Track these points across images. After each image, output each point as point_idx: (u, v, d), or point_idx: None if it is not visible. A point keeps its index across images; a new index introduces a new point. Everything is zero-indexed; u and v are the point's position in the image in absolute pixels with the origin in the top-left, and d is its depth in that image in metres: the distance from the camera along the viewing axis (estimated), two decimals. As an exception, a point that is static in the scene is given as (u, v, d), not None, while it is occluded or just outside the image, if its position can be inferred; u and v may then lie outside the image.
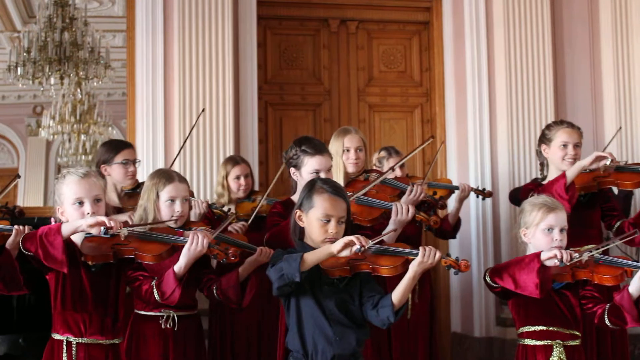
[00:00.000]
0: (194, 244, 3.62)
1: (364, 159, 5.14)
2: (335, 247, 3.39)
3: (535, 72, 6.83)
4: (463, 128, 7.00)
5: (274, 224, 4.35)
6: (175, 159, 5.67)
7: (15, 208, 4.85)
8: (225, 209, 5.21)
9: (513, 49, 6.84)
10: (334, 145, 5.07)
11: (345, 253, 3.38)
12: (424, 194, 4.86)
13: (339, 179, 4.90)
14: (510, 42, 6.84)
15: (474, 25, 6.96)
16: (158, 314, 4.24)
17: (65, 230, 3.36)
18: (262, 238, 5.24)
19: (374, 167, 5.66)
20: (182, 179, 4.24)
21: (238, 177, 5.45)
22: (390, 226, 4.55)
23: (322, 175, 4.40)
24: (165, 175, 4.19)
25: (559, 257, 3.74)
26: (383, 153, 5.81)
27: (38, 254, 3.38)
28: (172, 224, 4.05)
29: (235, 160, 5.53)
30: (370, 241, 3.47)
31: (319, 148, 4.49)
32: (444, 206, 5.27)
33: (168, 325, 4.22)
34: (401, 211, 4.53)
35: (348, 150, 5.04)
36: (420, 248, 3.50)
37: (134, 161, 5.05)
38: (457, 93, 7.10)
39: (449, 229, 5.49)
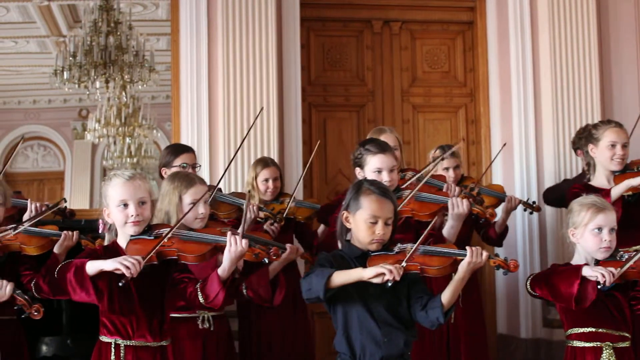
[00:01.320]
0: (234, 246, 3.61)
1: (400, 158, 5.19)
2: (367, 274, 3.35)
3: (581, 71, 6.75)
4: (508, 128, 6.95)
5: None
6: (231, 161, 5.67)
7: (66, 209, 4.88)
8: (274, 211, 5.21)
9: (558, 48, 6.77)
10: None
11: (377, 281, 3.36)
12: (459, 191, 4.89)
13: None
14: (555, 41, 6.77)
15: (518, 24, 6.91)
16: (193, 315, 4.29)
17: (90, 270, 3.37)
18: (290, 239, 5.28)
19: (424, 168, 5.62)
20: (202, 181, 4.25)
21: (266, 180, 5.43)
22: (449, 221, 4.56)
23: (385, 174, 4.45)
24: (185, 179, 4.19)
25: (601, 281, 3.70)
26: (438, 152, 5.78)
27: (68, 291, 3.41)
28: (196, 226, 4.04)
29: (265, 162, 5.53)
30: (403, 265, 3.45)
31: (382, 147, 4.54)
32: (482, 201, 5.22)
33: (205, 326, 4.25)
34: (457, 205, 4.54)
35: None
36: (468, 248, 3.47)
37: (193, 165, 5.07)
38: (502, 93, 7.05)
39: (495, 236, 5.47)
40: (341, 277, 3.39)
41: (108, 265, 3.35)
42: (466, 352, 5.23)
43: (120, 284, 3.35)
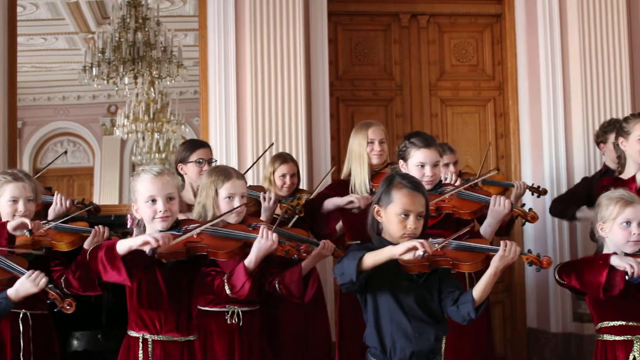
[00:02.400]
0: (264, 239, 3.62)
1: (387, 151, 5.26)
2: (398, 250, 3.34)
3: (611, 63, 6.71)
4: (537, 121, 6.91)
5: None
6: (256, 161, 5.69)
7: (91, 205, 4.91)
8: (294, 203, 5.22)
9: (588, 40, 6.73)
10: (358, 138, 5.21)
11: (408, 257, 3.32)
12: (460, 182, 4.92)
13: (364, 171, 5.09)
14: (584, 32, 6.73)
15: (547, 17, 6.87)
16: (223, 309, 4.30)
17: (121, 249, 3.39)
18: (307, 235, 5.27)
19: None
20: (240, 176, 4.26)
21: (284, 175, 5.44)
22: (488, 219, 4.55)
23: (428, 168, 4.50)
24: (223, 173, 4.21)
25: (629, 272, 3.68)
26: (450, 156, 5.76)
27: (99, 271, 3.44)
28: (232, 220, 4.05)
29: (284, 158, 5.54)
30: (439, 244, 3.45)
31: (427, 142, 4.57)
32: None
33: (234, 321, 4.26)
34: (499, 203, 4.52)
35: (372, 142, 5.16)
36: (501, 243, 3.46)
37: (209, 161, 5.08)
38: (531, 86, 7.02)
39: (503, 224, 5.44)
40: (373, 258, 3.38)
41: (137, 241, 3.38)
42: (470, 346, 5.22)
43: (147, 252, 3.36)
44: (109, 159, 11.78)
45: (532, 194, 5.52)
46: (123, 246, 3.39)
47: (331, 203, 5.14)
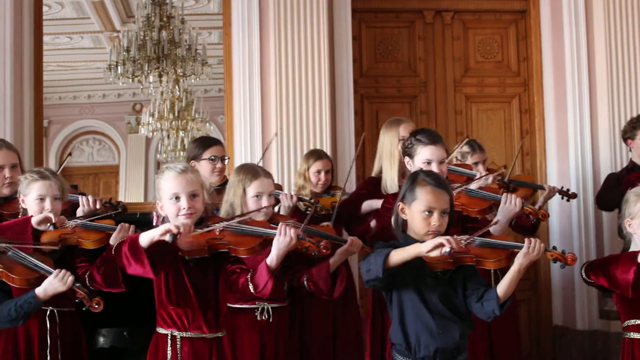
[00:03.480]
0: (283, 236, 3.62)
1: None
2: (425, 247, 3.35)
3: (638, 58, 6.66)
4: (563, 118, 6.88)
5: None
6: (261, 157, 5.70)
7: (118, 204, 4.93)
8: (313, 201, 5.22)
9: (614, 35, 6.68)
10: (389, 135, 5.14)
11: (435, 254, 3.34)
12: (492, 178, 4.88)
13: (394, 168, 5.01)
14: (610, 28, 6.69)
15: (572, 12, 6.83)
16: (252, 306, 4.31)
17: (143, 241, 3.41)
18: (341, 232, 5.27)
19: (455, 160, 5.58)
20: (268, 174, 4.26)
21: (319, 172, 5.44)
22: (498, 216, 4.52)
23: (434, 165, 4.43)
24: (251, 171, 4.22)
25: None
26: (466, 148, 5.73)
27: (124, 265, 3.45)
28: (260, 218, 4.06)
29: (318, 154, 5.54)
30: (464, 240, 3.44)
31: (434, 138, 4.51)
32: (515, 189, 5.18)
33: (264, 317, 4.27)
34: (510, 201, 4.49)
35: (404, 139, 5.02)
36: (526, 240, 3.45)
37: (222, 158, 5.10)
38: (556, 82, 6.98)
39: (529, 225, 5.41)
40: (399, 255, 3.39)
41: (157, 231, 3.38)
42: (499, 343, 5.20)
43: (168, 239, 3.35)
44: (134, 157, 11.84)
45: (562, 198, 5.49)
46: (145, 238, 3.40)
47: (368, 205, 5.12)
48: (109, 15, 9.82)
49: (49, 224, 4.00)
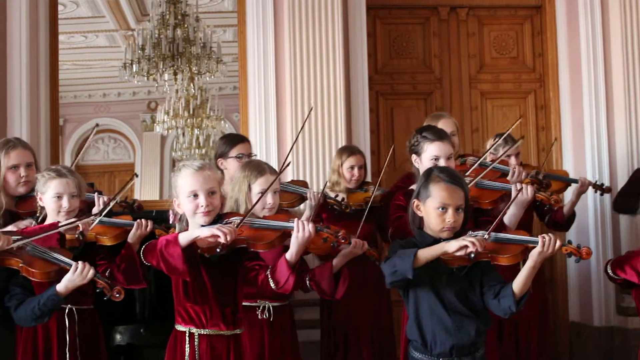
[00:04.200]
0: (301, 232, 3.61)
1: (458, 144, 5.24)
2: (451, 247, 3.38)
3: (655, 54, 6.63)
4: (578, 114, 6.85)
5: (397, 217, 4.35)
6: (287, 154, 5.69)
7: (134, 202, 4.94)
8: (339, 198, 5.22)
9: (630, 30, 6.65)
10: None
11: (460, 253, 3.37)
12: (525, 174, 4.85)
13: None
14: (626, 23, 6.65)
15: (587, 7, 6.80)
16: (254, 304, 4.32)
17: (183, 240, 3.41)
18: (373, 229, 5.27)
19: (490, 155, 5.56)
20: (273, 171, 4.23)
21: (352, 168, 5.44)
22: (512, 208, 4.51)
23: (442, 162, 4.40)
24: (257, 168, 4.19)
25: None
26: (501, 141, 5.70)
27: (160, 267, 3.45)
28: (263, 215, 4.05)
29: (351, 150, 5.54)
30: (487, 235, 3.44)
31: (439, 135, 4.50)
32: (549, 185, 5.17)
33: (264, 316, 4.27)
34: (522, 191, 4.48)
35: None
36: (540, 236, 3.44)
37: (249, 155, 5.08)
38: (572, 78, 6.95)
39: (562, 220, 5.39)
40: (426, 254, 3.41)
41: (205, 232, 3.40)
42: (533, 340, 5.19)
43: (218, 250, 3.38)
44: (149, 155, 11.87)
45: (595, 192, 5.46)
46: (186, 238, 3.42)
47: None
48: (124, 14, 9.84)
49: (77, 233, 4.02)
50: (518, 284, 3.44)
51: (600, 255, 6.44)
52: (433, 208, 3.53)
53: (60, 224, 3.99)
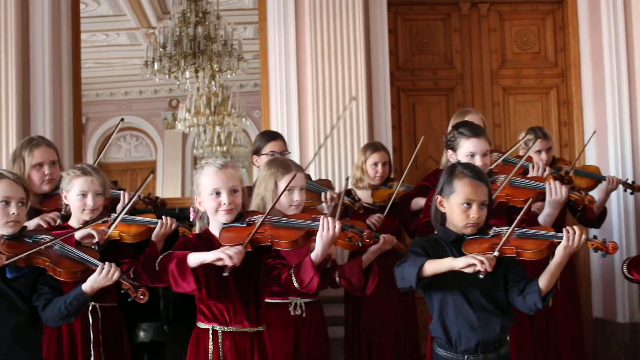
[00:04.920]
0: (326, 229, 3.59)
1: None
2: (459, 264, 3.35)
3: (678, 48, 6.58)
4: (601, 109, 6.81)
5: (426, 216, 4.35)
6: (318, 150, 5.69)
7: (157, 199, 4.95)
8: (357, 198, 5.19)
9: (653, 24, 6.61)
10: None
11: (469, 271, 3.34)
12: (548, 170, 4.83)
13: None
14: (649, 17, 6.61)
15: (610, 1, 6.74)
16: (285, 301, 4.32)
17: (192, 262, 3.42)
18: (397, 225, 5.26)
19: (521, 150, 5.53)
20: (299, 168, 4.23)
21: (375, 164, 5.44)
22: (546, 208, 4.49)
23: (478, 158, 4.41)
24: (282, 165, 4.18)
25: None
26: (530, 135, 5.68)
27: (170, 283, 3.47)
28: (290, 213, 4.05)
29: (375, 146, 5.53)
30: (495, 254, 3.42)
31: (476, 131, 4.50)
32: (571, 181, 5.14)
33: (297, 312, 4.27)
34: (555, 190, 4.46)
35: None
36: (564, 230, 3.42)
37: (282, 152, 5.07)
38: (594, 73, 6.91)
39: (593, 218, 5.36)
40: (433, 267, 3.40)
41: (210, 257, 3.39)
42: (563, 336, 5.17)
43: (224, 275, 3.40)
44: (171, 152, 11.92)
45: (625, 190, 5.43)
46: (194, 260, 3.42)
47: (417, 204, 5.12)
48: (145, 12, 9.89)
49: (93, 242, 4.04)
50: (544, 280, 3.42)
51: (624, 249, 6.39)
52: (457, 204, 3.52)
53: (76, 233, 4.02)
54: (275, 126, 6.39)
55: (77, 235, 4.02)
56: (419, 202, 5.09)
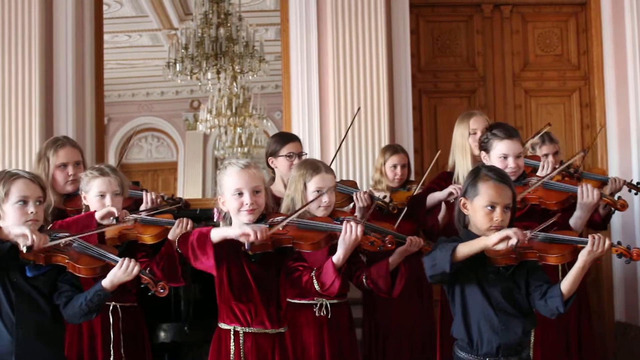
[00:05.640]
0: (349, 233, 3.60)
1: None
2: (492, 240, 3.35)
3: (703, 50, 6.53)
4: (624, 111, 6.77)
5: None
6: (335, 154, 5.68)
7: (180, 200, 4.96)
8: (387, 199, 5.19)
9: (678, 27, 6.56)
10: (460, 129, 5.12)
11: (501, 246, 3.33)
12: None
13: (466, 162, 4.98)
14: (675, 20, 6.56)
15: (634, 3, 6.70)
16: (311, 302, 4.31)
17: (215, 236, 3.44)
18: (417, 228, 5.25)
19: (528, 152, 5.53)
20: (329, 170, 4.24)
21: (395, 166, 5.43)
22: (577, 211, 4.48)
23: (511, 160, 4.45)
24: (312, 166, 4.20)
25: None
26: (537, 139, 5.67)
27: (189, 256, 3.49)
28: (319, 214, 4.06)
29: (394, 149, 5.52)
30: (529, 233, 3.41)
31: (510, 133, 4.52)
32: (580, 179, 5.12)
33: (322, 313, 4.27)
34: (587, 193, 4.45)
35: (474, 133, 5.02)
36: (590, 236, 3.40)
37: (299, 154, 5.07)
38: (617, 75, 6.87)
39: (599, 219, 5.33)
40: (466, 248, 3.40)
41: (234, 231, 3.42)
42: (576, 340, 5.15)
43: (244, 248, 3.40)
44: (192, 153, 11.95)
45: (630, 191, 5.42)
46: (217, 234, 3.44)
47: (433, 198, 5.11)
48: (167, 13, 9.92)
49: (112, 218, 4.04)
50: (566, 284, 3.42)
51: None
52: (481, 206, 3.52)
53: (96, 213, 4.04)
54: (297, 127, 6.39)
55: (98, 215, 4.04)
56: (435, 196, 5.08)
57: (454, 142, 5.14)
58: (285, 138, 5.16)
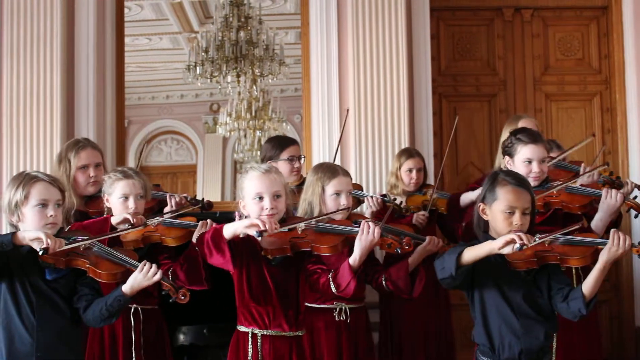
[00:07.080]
0: (365, 234, 3.62)
1: None
2: (497, 244, 3.34)
3: None
4: (645, 116, 6.75)
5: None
6: (335, 154, 5.68)
7: (203, 200, 4.97)
8: (398, 201, 5.20)
9: (700, 31, 6.54)
10: (507, 131, 5.06)
11: (507, 250, 3.32)
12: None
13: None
14: (696, 24, 6.54)
15: (656, 7, 6.70)
16: (330, 306, 4.32)
17: (226, 232, 3.46)
18: (433, 231, 5.24)
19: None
20: (346, 173, 4.26)
21: (410, 170, 5.42)
22: (599, 213, 4.47)
23: (535, 165, 4.45)
24: (329, 170, 4.22)
25: None
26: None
27: (204, 253, 3.51)
28: (337, 217, 4.06)
29: (410, 152, 5.52)
30: (535, 238, 3.39)
31: (534, 137, 4.52)
32: (621, 185, 5.09)
33: (341, 317, 4.27)
34: (610, 196, 4.44)
35: None
36: (611, 233, 3.39)
37: (298, 157, 5.10)
38: (639, 79, 6.84)
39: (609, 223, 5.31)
40: (472, 252, 3.40)
41: (243, 223, 3.44)
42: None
43: (255, 235, 3.41)
44: (211, 156, 11.95)
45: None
46: (229, 229, 3.46)
47: (467, 198, 5.11)
48: (187, 17, 9.94)
49: (127, 225, 4.05)
50: (588, 285, 3.41)
51: (668, 259, 6.32)
52: (500, 211, 3.51)
53: (113, 218, 4.05)
54: (317, 131, 6.39)
55: (113, 220, 4.05)
56: (469, 195, 5.08)
57: (501, 145, 5.13)
58: (285, 142, 5.20)
